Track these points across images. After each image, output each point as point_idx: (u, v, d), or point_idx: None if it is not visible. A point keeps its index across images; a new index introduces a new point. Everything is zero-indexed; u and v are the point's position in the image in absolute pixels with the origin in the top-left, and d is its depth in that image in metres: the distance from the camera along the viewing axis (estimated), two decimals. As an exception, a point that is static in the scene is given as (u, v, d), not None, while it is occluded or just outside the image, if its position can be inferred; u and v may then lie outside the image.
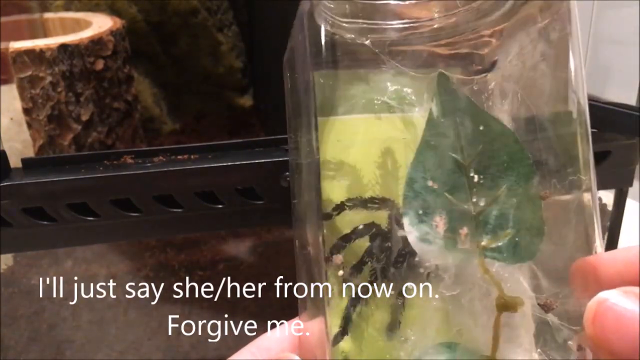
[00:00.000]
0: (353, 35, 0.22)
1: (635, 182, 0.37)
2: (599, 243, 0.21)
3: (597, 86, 0.69)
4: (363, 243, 0.22)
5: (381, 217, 0.22)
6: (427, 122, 0.22)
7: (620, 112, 0.33)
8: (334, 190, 0.23)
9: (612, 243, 0.41)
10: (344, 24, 0.22)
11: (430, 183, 0.22)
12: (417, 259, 0.22)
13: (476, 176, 0.22)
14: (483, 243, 0.21)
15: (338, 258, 0.22)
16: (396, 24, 0.22)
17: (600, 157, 0.34)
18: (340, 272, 0.22)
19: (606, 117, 0.33)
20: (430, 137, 0.22)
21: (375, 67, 0.23)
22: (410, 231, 0.22)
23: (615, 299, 0.17)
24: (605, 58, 0.71)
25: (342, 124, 0.23)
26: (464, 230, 0.21)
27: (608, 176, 0.35)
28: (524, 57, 0.22)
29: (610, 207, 0.40)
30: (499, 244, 0.21)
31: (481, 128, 0.22)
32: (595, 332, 0.17)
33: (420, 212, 0.22)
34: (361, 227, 0.22)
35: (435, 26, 0.22)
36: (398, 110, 0.23)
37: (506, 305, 0.21)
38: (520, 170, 0.21)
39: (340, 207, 0.23)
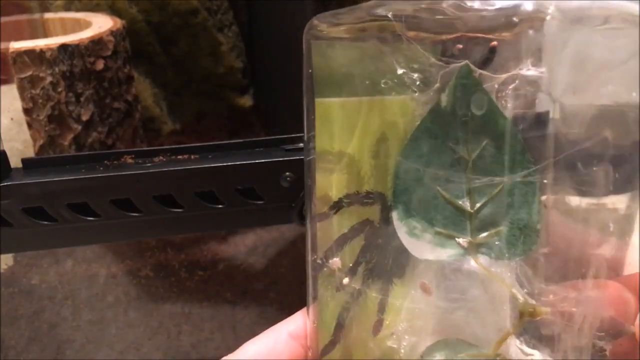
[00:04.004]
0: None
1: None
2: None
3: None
4: (359, 242, 0.21)
5: (374, 212, 0.21)
6: (430, 110, 0.20)
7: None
8: (333, 186, 0.21)
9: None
10: None
11: (422, 175, 0.20)
12: (406, 254, 0.21)
13: (475, 172, 0.20)
14: (477, 240, 0.21)
15: (335, 263, 0.21)
16: None
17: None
18: (346, 280, 0.21)
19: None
20: (432, 126, 0.20)
21: (386, 43, 0.20)
22: (399, 226, 0.20)
23: None
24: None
25: (344, 106, 0.21)
26: (460, 234, 0.21)
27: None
28: None
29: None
30: (491, 240, 0.20)
31: (488, 124, 0.20)
32: None
33: (410, 205, 0.21)
34: (357, 225, 0.21)
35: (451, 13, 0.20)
36: (402, 93, 0.20)
37: (532, 313, 0.20)
38: (520, 172, 0.20)
39: (338, 205, 0.21)
